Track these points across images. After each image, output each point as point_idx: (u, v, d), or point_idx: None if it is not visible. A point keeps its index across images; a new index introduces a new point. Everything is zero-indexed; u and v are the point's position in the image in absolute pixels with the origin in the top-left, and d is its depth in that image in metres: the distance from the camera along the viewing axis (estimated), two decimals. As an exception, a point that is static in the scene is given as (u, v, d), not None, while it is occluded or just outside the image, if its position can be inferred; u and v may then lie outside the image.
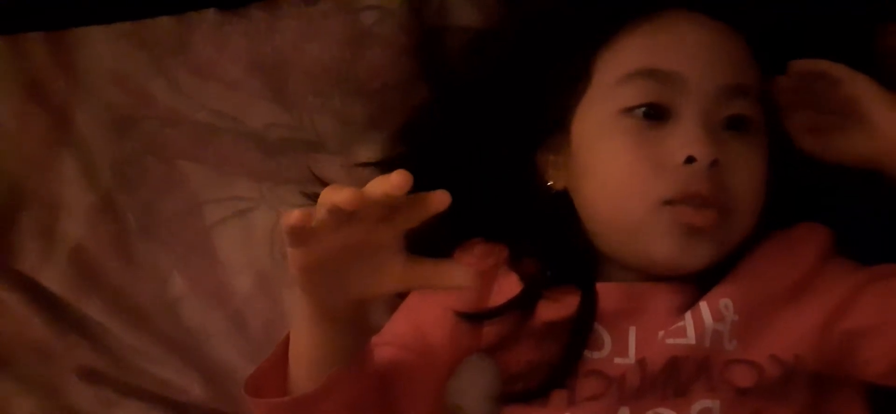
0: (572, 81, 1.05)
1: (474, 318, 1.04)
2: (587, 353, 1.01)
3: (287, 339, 0.95)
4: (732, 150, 1.00)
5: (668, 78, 1.01)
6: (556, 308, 1.03)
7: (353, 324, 0.92)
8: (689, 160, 0.98)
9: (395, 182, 0.81)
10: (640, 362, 0.99)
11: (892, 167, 1.04)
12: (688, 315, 1.00)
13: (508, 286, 1.05)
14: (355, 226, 0.84)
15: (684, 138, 0.99)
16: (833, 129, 1.07)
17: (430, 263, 0.87)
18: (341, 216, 0.82)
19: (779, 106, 1.07)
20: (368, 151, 1.21)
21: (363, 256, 0.86)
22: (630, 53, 1.03)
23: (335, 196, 0.81)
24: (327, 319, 0.90)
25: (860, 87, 1.05)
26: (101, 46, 1.24)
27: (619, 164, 1.01)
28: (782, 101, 1.07)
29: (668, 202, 0.99)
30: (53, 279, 1.21)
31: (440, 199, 0.83)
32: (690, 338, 0.99)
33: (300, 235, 0.84)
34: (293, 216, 0.82)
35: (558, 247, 1.06)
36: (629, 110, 1.01)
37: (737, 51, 1.04)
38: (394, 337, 1.03)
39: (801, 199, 1.07)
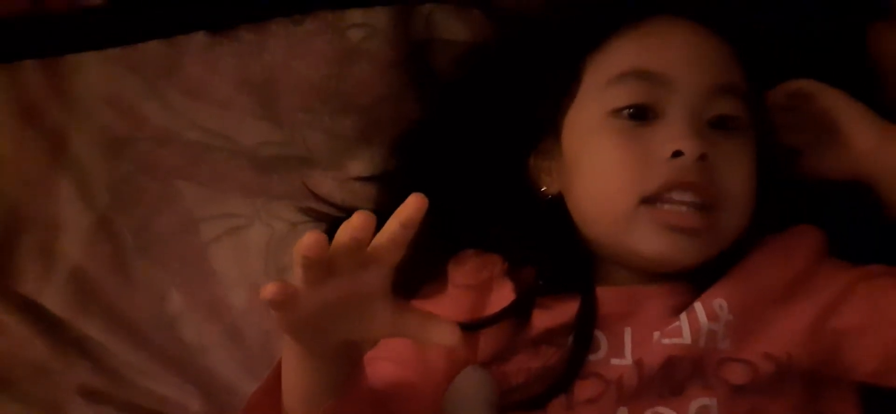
0: (562, 87, 1.07)
1: (469, 328, 1.04)
2: None
3: (280, 363, 0.95)
4: (721, 148, 1.02)
5: (655, 78, 1.02)
6: (552, 315, 1.04)
7: (343, 359, 0.91)
8: (677, 154, 1.00)
9: (357, 224, 0.81)
10: (638, 363, 1.00)
11: (870, 176, 1.07)
12: (683, 316, 1.01)
13: (504, 297, 1.06)
14: (337, 280, 0.83)
15: (671, 134, 1.01)
16: (814, 148, 1.10)
17: (417, 313, 0.87)
18: (317, 268, 0.82)
19: (771, 123, 1.09)
20: (359, 166, 1.23)
21: (350, 306, 0.85)
22: (618, 56, 1.05)
23: (302, 248, 0.80)
24: (316, 358, 0.90)
25: (831, 100, 1.08)
26: (95, 71, 1.26)
27: (607, 162, 1.02)
28: (772, 120, 1.09)
29: (654, 198, 1.00)
30: (53, 300, 1.22)
31: (415, 205, 0.82)
32: (686, 338, 1.00)
33: (282, 302, 0.83)
34: (269, 290, 0.81)
35: (555, 253, 1.07)
36: (617, 111, 1.03)
37: (723, 53, 1.05)
38: (390, 351, 1.03)
39: (794, 203, 1.09)
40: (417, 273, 1.08)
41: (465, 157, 1.14)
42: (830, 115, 1.08)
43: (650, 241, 1.01)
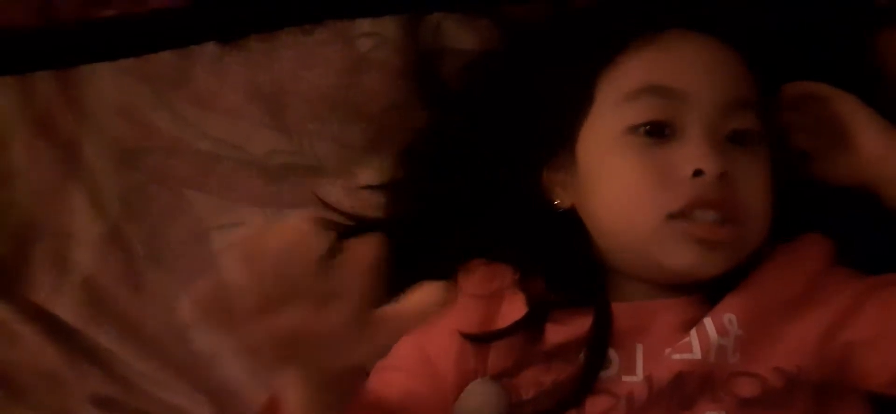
0: (576, 102, 1.06)
1: (480, 339, 1.04)
2: None
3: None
4: (738, 163, 1.02)
5: (671, 94, 1.02)
6: (566, 330, 1.03)
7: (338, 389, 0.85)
8: (697, 174, 1.00)
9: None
10: (647, 378, 1.00)
11: (877, 183, 1.07)
12: (693, 331, 1.01)
13: (515, 309, 1.05)
14: (294, 309, 0.76)
15: (691, 153, 1.00)
16: (823, 153, 1.10)
17: (407, 306, 0.79)
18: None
19: (781, 125, 1.09)
20: (368, 174, 1.23)
21: (322, 337, 0.78)
22: (633, 72, 1.04)
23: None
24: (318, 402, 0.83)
25: (840, 104, 1.08)
26: (107, 82, 1.26)
27: (626, 182, 1.02)
28: (782, 122, 1.09)
29: (678, 215, 1.00)
30: (66, 309, 1.23)
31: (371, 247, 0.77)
32: (696, 353, 1.00)
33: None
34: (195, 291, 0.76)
35: (566, 266, 1.07)
36: (633, 128, 1.02)
37: (736, 67, 1.05)
38: (399, 361, 1.03)
39: (803, 212, 1.09)
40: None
41: (474, 167, 1.14)
42: (839, 119, 1.08)
43: (678, 254, 1.00)
